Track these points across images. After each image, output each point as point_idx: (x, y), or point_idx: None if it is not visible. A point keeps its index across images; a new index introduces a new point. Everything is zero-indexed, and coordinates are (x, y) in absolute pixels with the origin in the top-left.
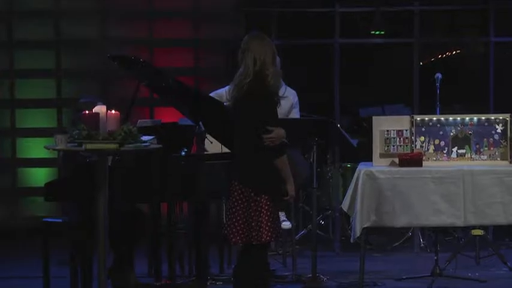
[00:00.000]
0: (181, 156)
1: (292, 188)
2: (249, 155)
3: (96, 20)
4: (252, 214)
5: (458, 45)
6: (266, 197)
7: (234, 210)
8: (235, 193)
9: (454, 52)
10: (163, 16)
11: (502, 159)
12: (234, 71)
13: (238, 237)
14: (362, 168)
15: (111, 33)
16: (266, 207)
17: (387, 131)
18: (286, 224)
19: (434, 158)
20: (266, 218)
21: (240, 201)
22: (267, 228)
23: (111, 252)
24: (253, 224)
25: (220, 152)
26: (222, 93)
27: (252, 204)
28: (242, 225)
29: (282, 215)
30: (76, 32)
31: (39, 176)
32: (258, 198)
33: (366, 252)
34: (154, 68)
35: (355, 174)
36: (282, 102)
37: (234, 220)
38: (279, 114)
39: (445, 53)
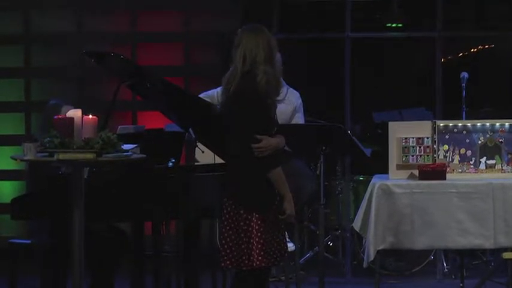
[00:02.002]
0: (168, 168)
1: (290, 206)
2: (238, 168)
3: (70, 12)
4: (242, 235)
5: (487, 40)
6: (257, 216)
7: (224, 230)
8: (225, 211)
9: (483, 48)
10: (148, 7)
11: None
12: (229, 69)
13: (228, 261)
14: (376, 182)
15: (87, 27)
16: (257, 227)
17: (405, 138)
18: (290, 246)
19: (460, 170)
20: (257, 239)
21: (230, 220)
22: (257, 251)
23: (87, 278)
24: (243, 246)
25: (213, 162)
26: (213, 95)
27: (242, 224)
28: (232, 248)
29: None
30: (47, 25)
31: (5, 191)
32: (249, 217)
33: (381, 279)
34: (137, 66)
35: (369, 189)
36: (283, 105)
37: (224, 242)
38: (280, 119)
39: (472, 49)
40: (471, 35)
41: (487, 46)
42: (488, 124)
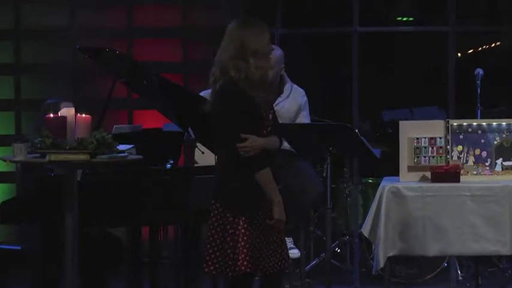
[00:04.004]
0: (166, 170)
1: (278, 210)
2: (225, 169)
3: (63, 5)
4: (228, 239)
5: (503, 34)
6: (244, 219)
7: (209, 233)
8: (212, 213)
9: (499, 43)
10: (145, 0)
11: None
12: None
13: (212, 266)
14: (386, 185)
15: (81, 21)
16: (243, 231)
17: (417, 138)
18: (295, 253)
19: (475, 172)
20: (243, 244)
21: (216, 224)
22: (242, 256)
23: (80, 286)
24: (229, 251)
25: (213, 164)
26: None
27: (228, 227)
28: (217, 252)
29: (289, 242)
30: (39, 19)
31: None
32: (236, 220)
33: (391, 287)
34: (134, 62)
35: (378, 192)
36: (287, 103)
37: (208, 246)
38: (284, 118)
39: (488, 45)
40: (486, 30)
41: (501, 42)
42: (504, 124)
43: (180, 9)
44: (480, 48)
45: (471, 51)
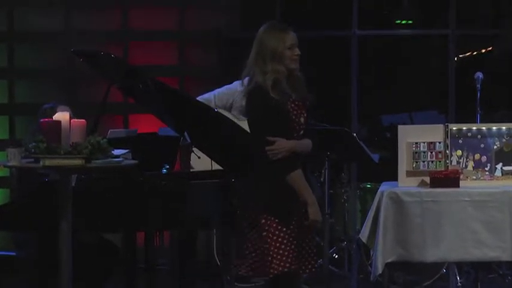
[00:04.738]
0: (162, 175)
1: (313, 211)
2: (256, 172)
3: (58, 8)
4: (261, 242)
5: (503, 38)
6: (277, 221)
7: (242, 237)
8: (243, 217)
9: (499, 46)
10: (140, 3)
11: None
12: (228, 69)
13: (244, 269)
14: (385, 190)
15: (76, 24)
16: (277, 233)
17: (416, 143)
18: None
19: (474, 177)
20: (278, 245)
21: (248, 226)
22: (278, 256)
23: None
24: (265, 252)
25: (210, 169)
26: (210, 98)
27: (261, 230)
28: (253, 254)
29: None
30: (33, 22)
31: None
32: (269, 223)
33: None
34: (129, 66)
35: (376, 197)
36: None
37: (242, 249)
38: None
39: (488, 48)
40: (486, 33)
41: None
42: (504, 128)
43: (176, 12)
44: (481, 52)
45: (469, 53)
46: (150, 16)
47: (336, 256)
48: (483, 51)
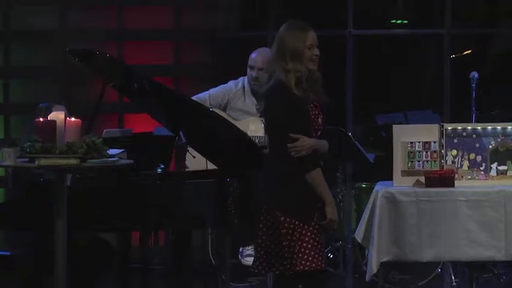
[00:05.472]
0: (157, 174)
1: (331, 210)
2: (276, 170)
3: (52, 7)
4: (282, 239)
5: (499, 37)
6: (298, 219)
7: (261, 233)
8: (262, 215)
9: (495, 46)
10: (135, 2)
11: None
12: (223, 69)
13: (260, 266)
14: (380, 189)
15: (71, 23)
16: (299, 230)
17: (411, 143)
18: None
19: (469, 177)
20: (300, 243)
21: (265, 224)
22: (300, 255)
23: None
24: (284, 250)
25: (205, 168)
26: (205, 98)
27: (280, 227)
28: (272, 253)
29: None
30: (28, 21)
31: None
32: (288, 220)
33: None
34: (124, 65)
35: (372, 197)
36: None
37: (257, 246)
38: None
39: (483, 47)
40: (482, 32)
41: (499, 44)
42: (499, 128)
43: (172, 12)
44: (477, 51)
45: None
46: (145, 16)
47: (331, 256)
48: (479, 50)
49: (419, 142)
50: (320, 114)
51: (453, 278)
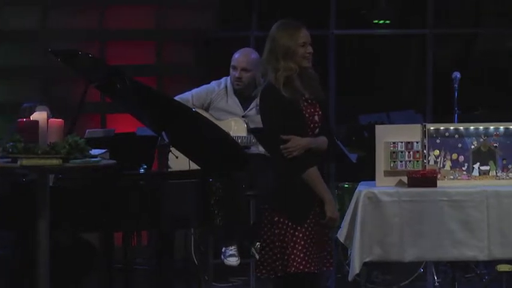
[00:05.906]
0: (139, 174)
1: (330, 209)
2: (272, 171)
3: (34, 7)
4: (275, 239)
5: (482, 38)
6: (292, 219)
7: (262, 234)
8: (263, 216)
9: (477, 46)
10: (117, 1)
11: None
12: (206, 69)
13: (264, 270)
14: (362, 189)
15: (53, 23)
16: (292, 231)
17: (393, 143)
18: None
19: (452, 177)
20: (292, 244)
21: (265, 226)
22: (292, 256)
23: None
24: (276, 251)
25: (187, 169)
26: (187, 98)
27: (275, 227)
28: (270, 253)
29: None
30: (11, 21)
31: None
32: (282, 220)
33: None
34: (106, 65)
35: (354, 197)
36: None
37: (261, 249)
38: (257, 122)
39: (466, 47)
40: (464, 32)
41: (481, 44)
42: (481, 128)
43: (154, 11)
44: (459, 51)
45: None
46: (128, 15)
47: None
48: (461, 50)
49: (401, 142)
50: (317, 111)
51: (436, 277)
